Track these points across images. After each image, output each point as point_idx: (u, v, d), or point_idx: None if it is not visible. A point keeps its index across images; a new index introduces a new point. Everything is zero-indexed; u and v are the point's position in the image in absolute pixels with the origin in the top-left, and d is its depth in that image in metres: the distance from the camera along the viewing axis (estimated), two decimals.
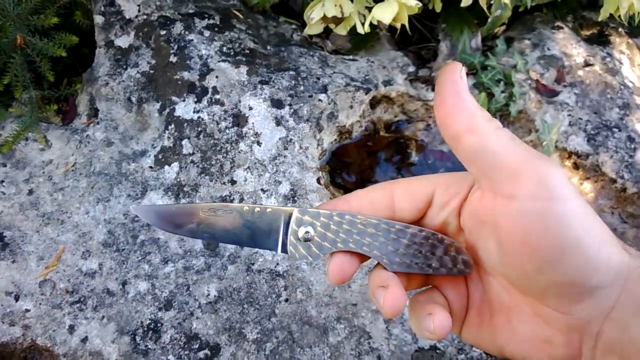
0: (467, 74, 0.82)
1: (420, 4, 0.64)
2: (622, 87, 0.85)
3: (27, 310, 0.56)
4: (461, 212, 0.26)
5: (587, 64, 0.85)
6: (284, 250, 0.26)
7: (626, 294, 0.22)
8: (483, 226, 0.24)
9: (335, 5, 0.65)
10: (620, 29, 0.94)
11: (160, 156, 0.64)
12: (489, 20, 0.80)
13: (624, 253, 0.23)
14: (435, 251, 0.26)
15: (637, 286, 0.22)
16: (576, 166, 0.80)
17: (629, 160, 0.76)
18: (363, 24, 0.66)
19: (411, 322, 0.27)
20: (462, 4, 0.67)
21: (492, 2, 0.68)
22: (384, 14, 0.61)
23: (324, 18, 0.66)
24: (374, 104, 0.76)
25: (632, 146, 0.78)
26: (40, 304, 0.57)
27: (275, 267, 0.61)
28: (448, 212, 0.26)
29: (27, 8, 0.59)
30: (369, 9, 0.67)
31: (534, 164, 0.22)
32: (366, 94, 0.72)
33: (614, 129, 0.79)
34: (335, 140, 0.72)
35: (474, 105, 0.23)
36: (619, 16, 0.84)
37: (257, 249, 0.61)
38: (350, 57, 0.77)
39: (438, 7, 0.80)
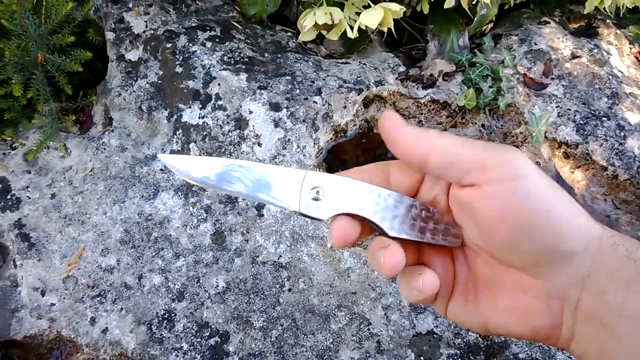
0: (456, 71, 0.82)
1: (405, 8, 0.65)
2: (610, 77, 0.83)
3: (52, 305, 0.59)
4: (449, 192, 0.27)
5: (574, 56, 0.84)
6: (298, 207, 0.27)
7: (600, 261, 0.23)
8: (464, 208, 0.26)
9: (326, 13, 0.66)
10: (608, 21, 0.93)
11: None
12: (475, 19, 0.80)
13: (595, 223, 0.24)
14: (429, 222, 0.27)
15: (609, 253, 0.23)
16: (567, 155, 0.79)
17: (619, 148, 0.75)
18: (353, 29, 0.67)
19: (401, 286, 0.28)
20: (446, 6, 0.67)
21: (475, 2, 0.68)
22: (370, 20, 0.62)
23: (316, 25, 0.67)
24: (367, 103, 0.77)
25: (622, 134, 0.77)
26: (64, 298, 0.59)
27: (278, 259, 0.62)
28: (437, 190, 0.27)
29: (47, 29, 0.62)
30: (359, 14, 0.68)
31: (496, 153, 0.24)
32: (358, 94, 0.73)
33: (603, 118, 0.78)
34: (331, 139, 0.73)
35: (419, 130, 0.25)
36: (604, 8, 0.83)
37: (261, 244, 0.63)
38: (343, 60, 0.78)
39: (426, 9, 0.80)
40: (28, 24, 0.62)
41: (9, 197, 0.64)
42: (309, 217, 0.26)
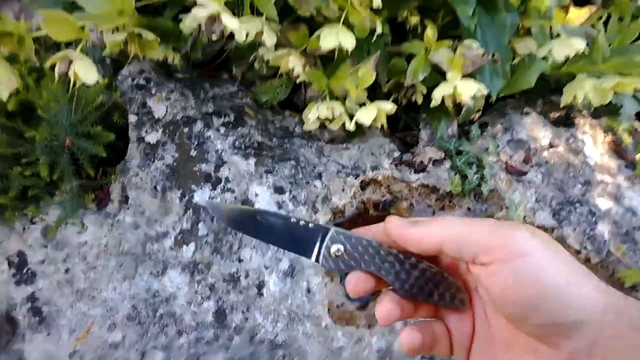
0: (444, 158, 0.88)
1: (395, 106, 0.72)
2: (583, 165, 0.90)
3: None
4: None
5: (551, 146, 0.91)
6: (317, 260, 0.29)
7: (604, 329, 0.24)
8: (478, 281, 0.28)
9: (328, 108, 0.72)
10: (584, 111, 1.00)
11: (179, 237, 0.70)
12: (463, 110, 0.86)
13: (599, 290, 0.25)
14: (440, 286, 0.29)
15: (613, 321, 0.24)
16: None
17: (590, 233, 0.80)
18: (351, 121, 0.73)
19: None
20: (432, 105, 0.74)
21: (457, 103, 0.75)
22: (365, 117, 0.68)
23: (319, 117, 0.73)
24: (363, 185, 0.82)
25: (593, 219, 0.82)
26: None
27: (274, 337, 0.64)
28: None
29: (77, 118, 0.67)
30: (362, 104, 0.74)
31: (499, 234, 0.26)
32: (355, 178, 0.78)
33: (577, 204, 0.83)
34: (330, 219, 0.77)
35: (424, 225, 0.28)
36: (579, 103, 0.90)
37: (260, 322, 0.65)
38: (344, 145, 0.84)
39: (419, 100, 0.87)
40: (60, 113, 0.67)
41: (24, 270, 0.66)
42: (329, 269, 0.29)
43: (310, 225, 0.30)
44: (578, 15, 0.85)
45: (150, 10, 0.83)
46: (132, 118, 0.79)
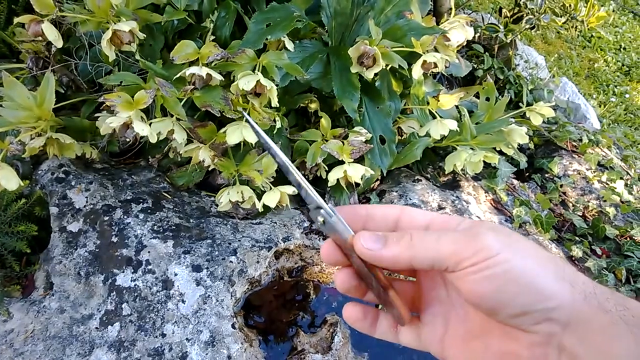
0: None
1: (296, 190, 0.99)
2: None
3: None
4: None
5: (440, 208, 1.22)
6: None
7: (576, 310, 0.30)
8: (452, 283, 0.34)
9: (238, 192, 0.98)
10: (467, 175, 1.35)
11: (104, 318, 0.89)
12: (362, 182, 1.16)
13: (564, 276, 0.31)
14: (387, 304, 0.37)
15: (583, 306, 0.30)
16: None
17: None
18: (260, 201, 0.99)
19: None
20: (329, 185, 1.02)
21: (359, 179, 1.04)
22: (270, 200, 0.95)
23: (230, 201, 0.98)
24: (277, 255, 1.07)
25: None
26: None
27: None
28: None
29: (6, 219, 0.87)
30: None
31: (466, 246, 0.32)
32: (269, 250, 1.03)
33: None
34: (248, 289, 1.01)
35: (394, 243, 0.34)
36: (461, 169, 1.24)
37: None
38: (257, 220, 1.09)
39: (324, 174, 1.16)
40: None
41: None
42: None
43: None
44: (449, 99, 1.19)
45: (67, 108, 1.06)
46: (54, 210, 0.99)
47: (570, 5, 1.93)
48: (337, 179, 1.03)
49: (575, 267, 1.23)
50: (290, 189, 0.97)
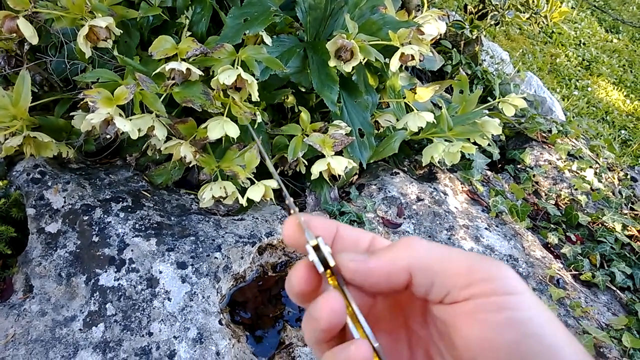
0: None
1: (281, 184, 1.01)
2: (447, 213, 1.27)
3: None
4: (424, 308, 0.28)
5: (419, 199, 1.27)
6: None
7: None
8: (444, 326, 0.26)
9: (220, 188, 0.99)
10: (443, 167, 1.40)
11: (88, 319, 0.89)
12: (340, 179, 1.19)
13: (585, 355, 0.24)
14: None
15: None
16: None
17: None
18: (243, 197, 1.01)
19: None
20: (312, 178, 1.05)
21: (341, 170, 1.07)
22: (254, 194, 0.97)
23: (213, 197, 1.00)
24: (261, 250, 1.09)
25: None
26: None
27: None
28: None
29: None
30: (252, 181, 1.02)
31: (481, 265, 0.25)
32: (252, 246, 1.04)
33: None
34: (233, 285, 1.02)
35: (386, 258, 0.27)
36: (438, 161, 1.29)
37: None
38: (239, 217, 1.11)
39: (303, 169, 1.19)
40: None
41: None
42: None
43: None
44: (425, 92, 1.24)
45: (38, 108, 1.05)
46: (30, 211, 0.98)
47: (532, 1, 2.03)
48: (320, 172, 1.06)
49: (552, 253, 1.30)
50: (274, 183, 0.99)
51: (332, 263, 0.28)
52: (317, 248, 0.28)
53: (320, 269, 0.28)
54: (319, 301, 0.26)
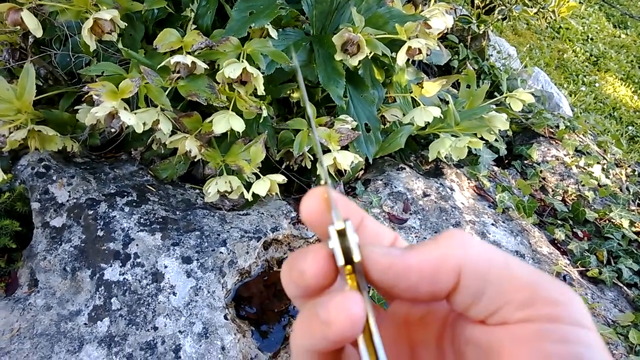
0: None
1: (285, 179, 1.01)
2: (453, 209, 1.26)
3: None
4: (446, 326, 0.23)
5: (425, 195, 1.26)
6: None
7: None
8: (478, 352, 0.21)
9: (226, 182, 0.99)
10: (450, 162, 1.39)
11: (93, 314, 0.89)
12: (346, 174, 1.19)
13: None
14: None
15: None
16: None
17: None
18: (249, 191, 1.00)
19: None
20: (318, 172, 1.05)
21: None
22: (260, 189, 0.96)
23: (219, 191, 0.99)
24: (266, 246, 1.08)
25: None
26: None
27: None
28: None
29: None
30: (257, 175, 1.02)
31: (548, 283, 0.20)
32: (258, 241, 1.04)
33: None
34: (238, 280, 1.02)
35: (437, 246, 0.21)
36: (445, 157, 1.28)
37: None
38: (244, 212, 1.10)
39: (309, 165, 1.18)
40: None
41: None
42: None
43: None
44: (432, 87, 1.23)
45: (43, 102, 1.05)
46: (35, 205, 0.98)
47: None
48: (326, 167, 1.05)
49: (558, 250, 1.29)
50: (280, 178, 0.99)
51: (357, 258, 0.21)
52: (341, 234, 0.21)
53: (341, 261, 0.21)
54: (334, 300, 0.20)
